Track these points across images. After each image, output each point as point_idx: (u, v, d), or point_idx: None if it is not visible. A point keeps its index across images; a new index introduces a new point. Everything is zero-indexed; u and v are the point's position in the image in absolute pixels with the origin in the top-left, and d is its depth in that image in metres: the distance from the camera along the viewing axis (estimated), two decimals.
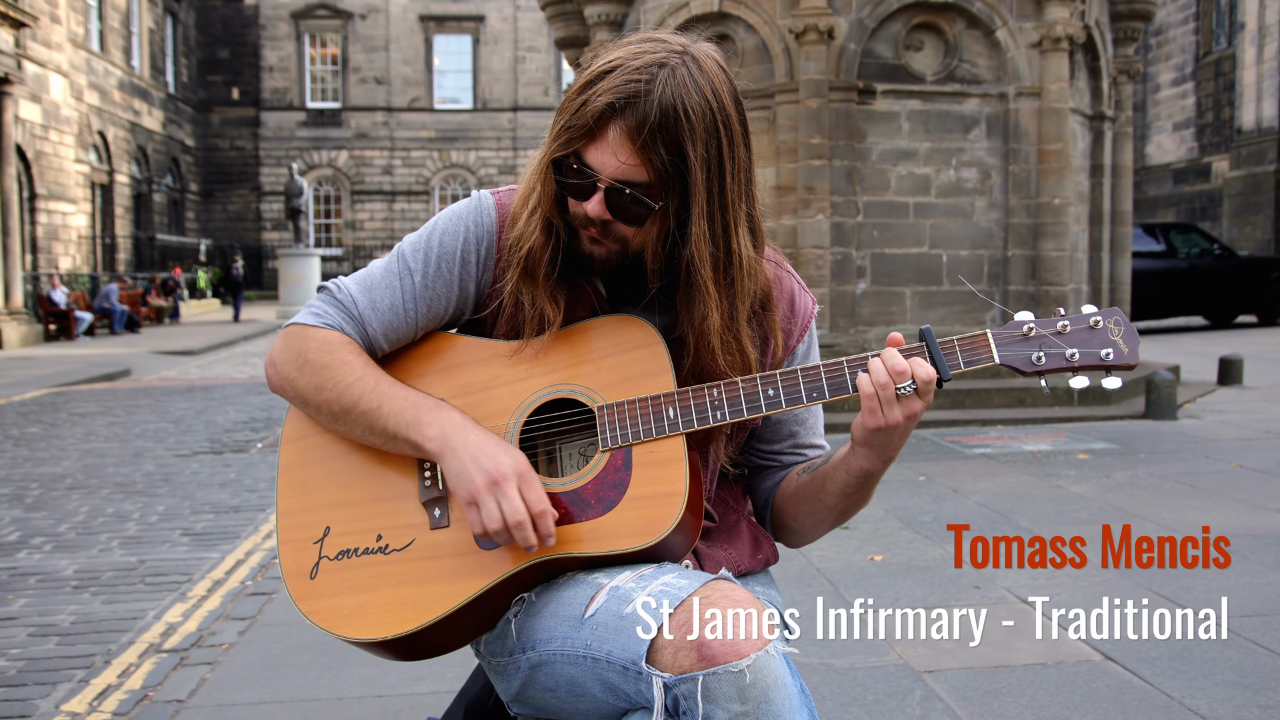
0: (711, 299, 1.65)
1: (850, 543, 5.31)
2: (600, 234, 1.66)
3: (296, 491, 1.75)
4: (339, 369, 1.70)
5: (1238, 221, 24.87)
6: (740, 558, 1.80)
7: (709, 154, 1.60)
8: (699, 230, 1.62)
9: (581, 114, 1.59)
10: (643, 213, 1.62)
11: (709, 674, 1.41)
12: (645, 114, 1.56)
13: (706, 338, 1.67)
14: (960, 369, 1.64)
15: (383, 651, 1.69)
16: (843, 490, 1.74)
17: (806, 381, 1.65)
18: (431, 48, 42.14)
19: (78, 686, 3.83)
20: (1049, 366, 1.64)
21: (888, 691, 3.46)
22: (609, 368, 1.69)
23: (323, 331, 1.73)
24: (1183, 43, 29.91)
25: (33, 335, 21.53)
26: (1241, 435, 8.25)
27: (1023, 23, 9.62)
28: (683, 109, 1.57)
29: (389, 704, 3.55)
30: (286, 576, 1.71)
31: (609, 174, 1.60)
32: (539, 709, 1.67)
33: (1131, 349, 1.64)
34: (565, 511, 1.64)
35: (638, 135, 1.57)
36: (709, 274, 1.64)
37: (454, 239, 1.76)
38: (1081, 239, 10.76)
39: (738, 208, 1.66)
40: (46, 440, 9.77)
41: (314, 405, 1.72)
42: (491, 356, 1.74)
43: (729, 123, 1.63)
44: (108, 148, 31.31)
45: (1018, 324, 1.65)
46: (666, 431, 1.64)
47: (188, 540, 5.95)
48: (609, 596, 1.54)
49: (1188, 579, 4.51)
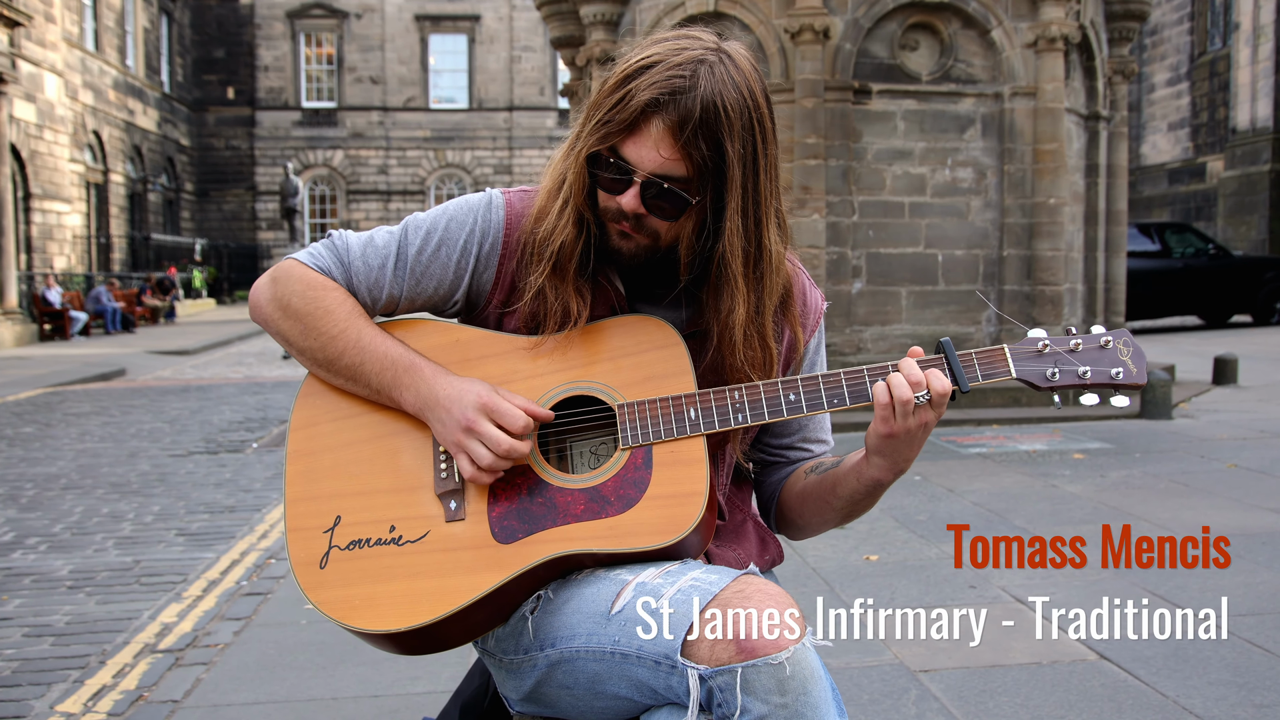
0: (740, 293, 1.68)
1: (846, 542, 5.31)
2: (632, 228, 1.67)
3: (305, 479, 1.74)
4: (321, 318, 1.73)
5: (1232, 221, 24.91)
6: (749, 558, 1.81)
7: (745, 150, 1.63)
8: (733, 225, 1.65)
9: (622, 108, 1.60)
10: (679, 207, 1.64)
11: (748, 666, 1.42)
12: (689, 110, 1.58)
13: (730, 331, 1.69)
14: (979, 382, 1.67)
15: (389, 645, 1.67)
16: (851, 496, 1.77)
17: (828, 388, 1.68)
18: (427, 47, 42.10)
19: (72, 687, 3.82)
20: (1062, 383, 1.68)
21: (883, 691, 3.46)
22: (629, 366, 1.70)
23: (311, 273, 1.76)
24: (1177, 43, 29.97)
25: (27, 335, 21.49)
26: (1236, 435, 8.26)
27: (1018, 22, 9.63)
28: (723, 105, 1.59)
29: (385, 704, 3.54)
30: (295, 565, 1.69)
31: (648, 169, 1.62)
32: (549, 707, 1.66)
33: (1140, 369, 1.68)
34: (585, 508, 1.63)
35: (680, 131, 1.59)
36: (739, 268, 1.67)
37: (460, 227, 1.78)
38: (1077, 239, 10.77)
39: (769, 204, 1.69)
40: (41, 440, 9.75)
41: (297, 349, 1.77)
42: (510, 350, 1.74)
43: (763, 120, 1.65)
44: (103, 147, 31.25)
45: (1032, 340, 1.69)
46: (688, 432, 1.66)
47: (183, 540, 5.94)
48: (636, 591, 1.55)
49: (1184, 579, 4.52)
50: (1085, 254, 11.01)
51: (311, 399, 1.79)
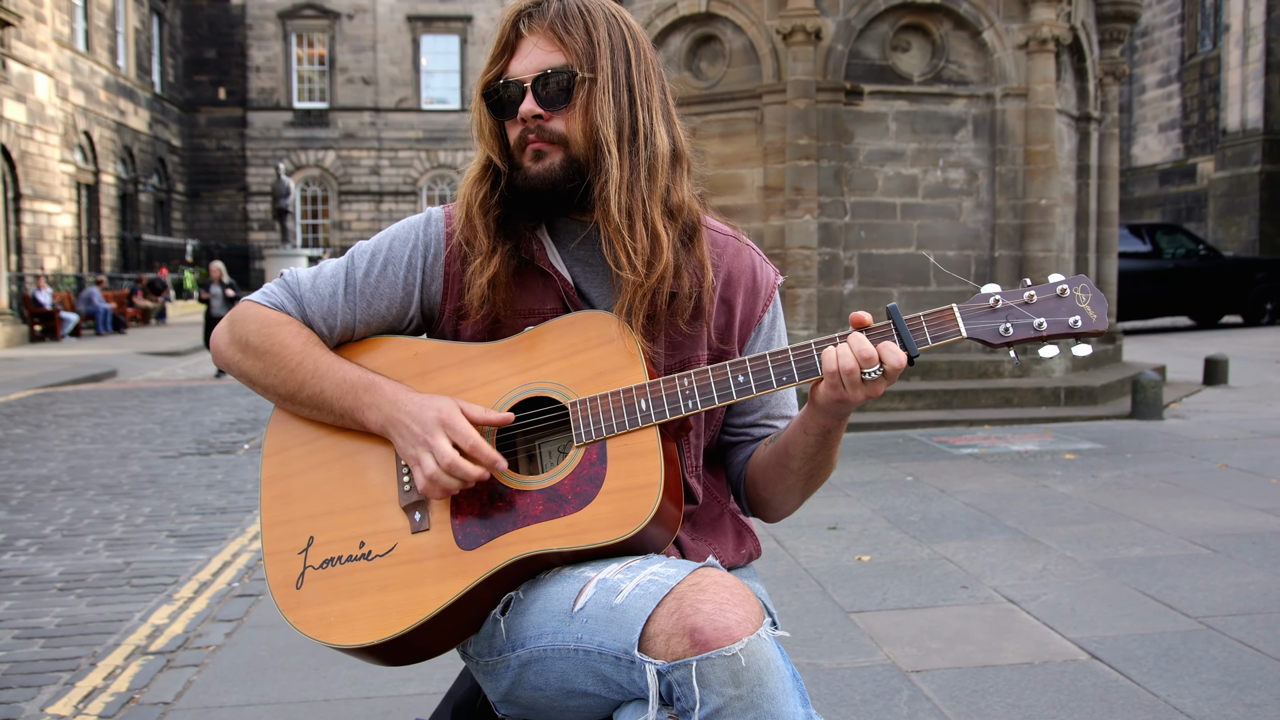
0: (612, 158, 1.68)
1: (838, 543, 5.32)
2: (538, 137, 1.71)
3: (280, 503, 1.77)
4: (279, 353, 1.76)
5: (1223, 222, 25.00)
6: (724, 552, 1.82)
7: (613, 41, 1.71)
8: (605, 99, 1.69)
9: (499, 36, 1.74)
10: (565, 85, 1.69)
11: (703, 659, 1.41)
12: (553, 9, 1.71)
13: (605, 202, 1.68)
14: (928, 345, 1.62)
15: (370, 657, 1.70)
16: (805, 453, 1.74)
17: (776, 366, 1.65)
18: (419, 48, 42.07)
19: (63, 689, 3.81)
20: (1017, 337, 1.62)
21: (875, 691, 3.46)
22: (580, 364, 1.70)
23: (265, 311, 1.80)
24: (1168, 44, 30.07)
25: (18, 336, 21.42)
26: (1227, 435, 8.29)
27: (1009, 24, 9.65)
28: (585, 6, 1.71)
29: (376, 705, 3.54)
30: (273, 588, 1.72)
31: (532, 71, 1.70)
32: (527, 708, 1.67)
33: (1100, 314, 1.62)
34: (543, 508, 1.64)
35: (547, 22, 1.70)
36: (610, 135, 1.68)
37: (403, 245, 1.82)
38: (1068, 239, 10.80)
39: (649, 93, 1.73)
40: (32, 442, 9.72)
41: (261, 386, 1.80)
42: (466, 359, 1.76)
43: (632, 30, 1.75)
44: (93, 148, 31.17)
45: (984, 296, 1.63)
46: (639, 424, 1.65)
47: (174, 542, 5.92)
48: (597, 589, 1.55)
49: (1174, 579, 4.53)
50: (1076, 255, 11.04)
51: (283, 425, 1.82)
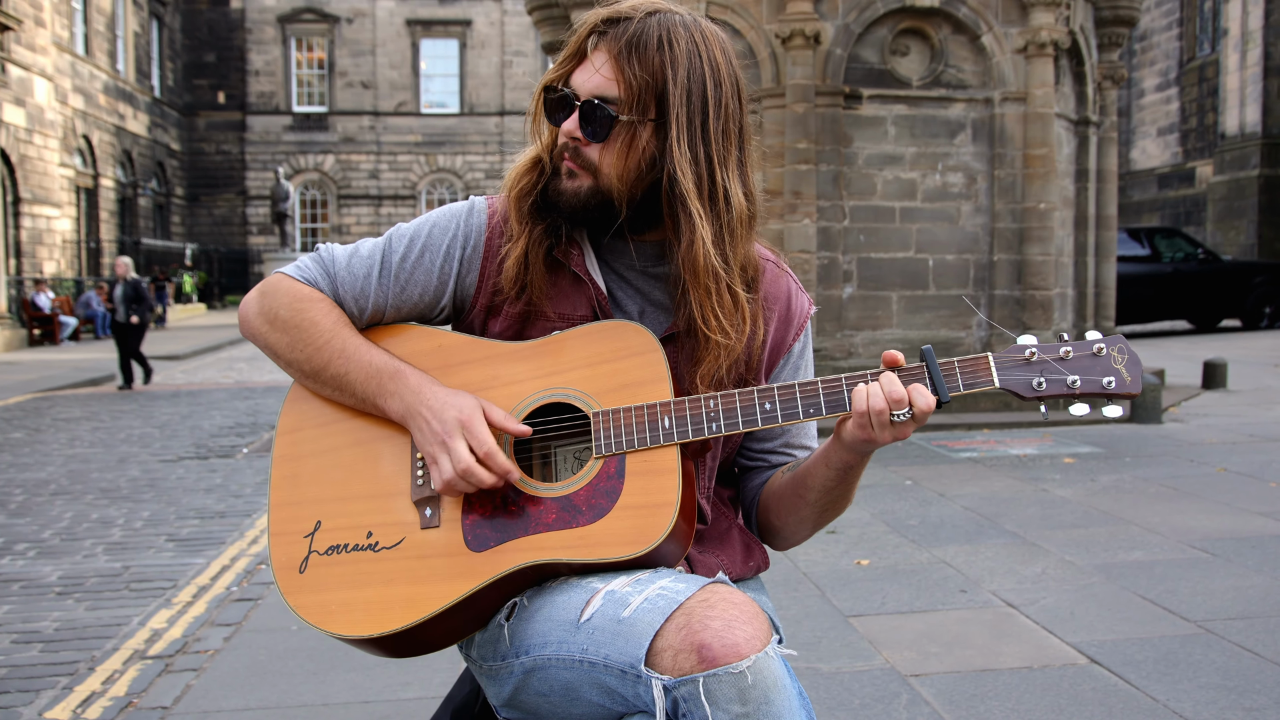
0: (696, 216, 1.64)
1: (837, 547, 5.32)
2: (572, 159, 1.68)
3: (289, 484, 1.75)
4: (308, 330, 1.74)
5: (1221, 226, 25.02)
6: (733, 564, 1.80)
7: (692, 86, 1.62)
8: (679, 151, 1.63)
9: (574, 40, 1.68)
10: (607, 123, 1.64)
11: (709, 675, 1.40)
12: (628, 32, 1.62)
13: (695, 261, 1.65)
14: (960, 392, 1.62)
15: (368, 647, 1.69)
16: (824, 486, 1.73)
17: (804, 397, 1.63)
18: (418, 52, 42.08)
19: (61, 694, 3.80)
20: (1049, 392, 1.62)
21: (874, 695, 3.46)
22: (606, 373, 1.68)
23: (297, 285, 1.77)
24: (1167, 48, 30.10)
25: (17, 340, 21.41)
26: (1226, 439, 8.29)
27: (1008, 28, 9.66)
28: (667, 39, 1.61)
29: (375, 710, 3.53)
30: (276, 569, 1.71)
31: (587, 91, 1.65)
32: (531, 714, 1.66)
33: (1134, 377, 1.62)
34: (556, 517, 1.62)
35: (618, 47, 1.62)
36: (691, 188, 1.64)
37: (443, 233, 1.79)
38: (1067, 243, 10.81)
39: (726, 151, 1.67)
40: (30, 446, 9.71)
41: (285, 360, 1.77)
42: (491, 356, 1.74)
43: (718, 74, 1.65)
44: (93, 152, 31.16)
45: (1019, 348, 1.63)
46: (661, 441, 1.63)
47: (173, 546, 5.92)
48: (605, 600, 1.53)
49: (1174, 583, 4.53)
50: (1075, 259, 11.05)
51: (298, 404, 1.79)
